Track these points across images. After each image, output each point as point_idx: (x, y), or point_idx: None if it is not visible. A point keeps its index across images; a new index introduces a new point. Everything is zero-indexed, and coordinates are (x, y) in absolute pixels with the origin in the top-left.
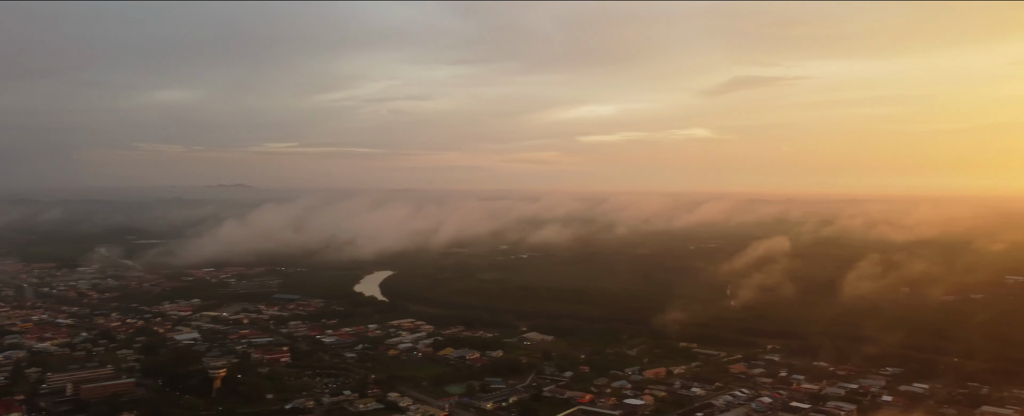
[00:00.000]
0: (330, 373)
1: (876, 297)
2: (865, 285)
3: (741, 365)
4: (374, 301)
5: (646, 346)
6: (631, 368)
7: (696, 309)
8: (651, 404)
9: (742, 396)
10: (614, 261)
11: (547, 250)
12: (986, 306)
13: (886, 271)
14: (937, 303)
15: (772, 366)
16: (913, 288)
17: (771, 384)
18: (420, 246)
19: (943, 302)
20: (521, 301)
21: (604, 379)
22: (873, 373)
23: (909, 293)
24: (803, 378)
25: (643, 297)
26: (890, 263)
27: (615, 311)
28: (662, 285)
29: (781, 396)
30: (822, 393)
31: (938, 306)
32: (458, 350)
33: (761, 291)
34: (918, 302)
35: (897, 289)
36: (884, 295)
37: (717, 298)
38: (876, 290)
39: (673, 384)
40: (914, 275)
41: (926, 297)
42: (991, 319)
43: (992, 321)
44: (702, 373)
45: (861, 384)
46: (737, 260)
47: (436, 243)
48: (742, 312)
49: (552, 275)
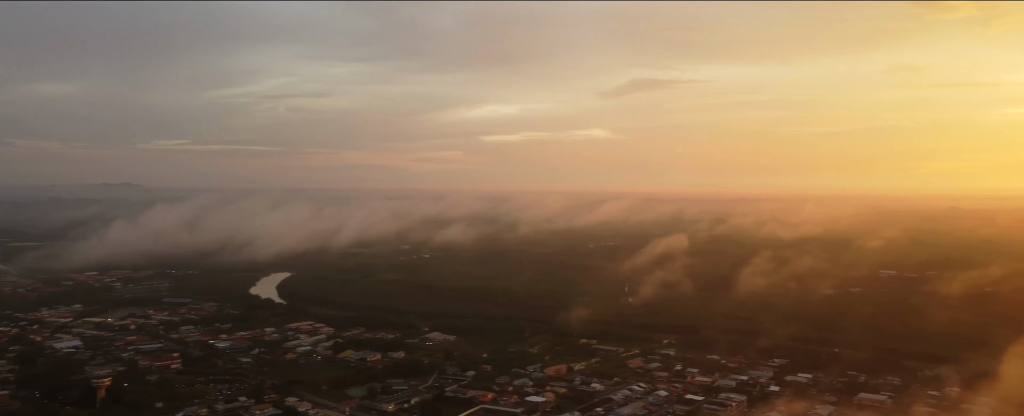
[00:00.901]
0: (225, 379)
1: (766, 292)
2: (756, 281)
3: (639, 360)
4: (272, 304)
5: (548, 344)
6: (533, 366)
7: (596, 306)
8: (552, 401)
9: (640, 390)
10: (517, 260)
11: (451, 250)
12: (863, 299)
13: (775, 267)
14: (820, 297)
15: (668, 360)
16: (799, 283)
17: (667, 378)
18: (321, 247)
19: (825, 296)
20: (424, 301)
21: (506, 377)
22: (762, 365)
23: (795, 288)
24: (697, 371)
25: (545, 295)
26: (779, 259)
27: (518, 310)
28: (564, 283)
29: (676, 389)
30: (715, 385)
31: (821, 300)
32: (359, 352)
33: (658, 288)
34: (803, 296)
35: (784, 284)
36: (773, 290)
37: (616, 295)
38: (766, 285)
39: (574, 380)
40: (800, 271)
41: (810, 291)
42: (867, 312)
43: (868, 313)
44: (602, 369)
45: (751, 375)
46: (636, 258)
47: (338, 244)
48: (640, 308)
49: (455, 274)
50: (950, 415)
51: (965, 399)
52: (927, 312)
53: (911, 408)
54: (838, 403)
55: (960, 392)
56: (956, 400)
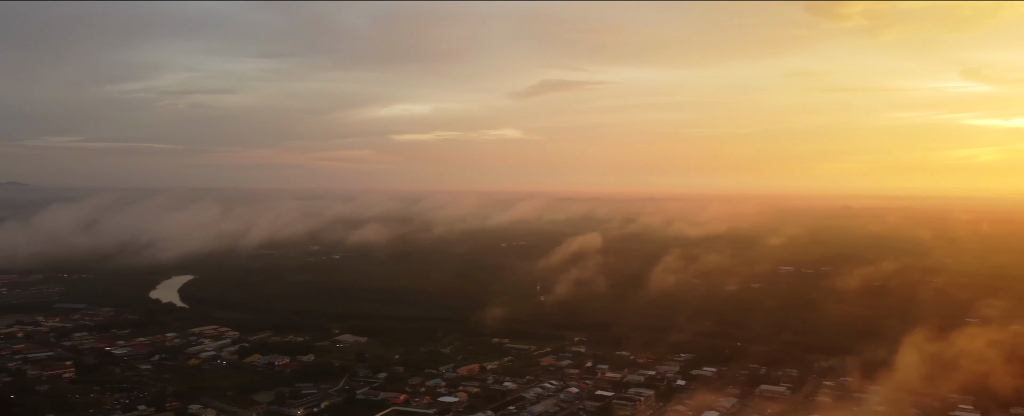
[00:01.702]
0: (122, 387)
1: (674, 289)
2: (664, 278)
3: (550, 358)
4: (173, 308)
5: (461, 343)
6: (446, 366)
7: (509, 305)
8: (465, 400)
9: (551, 388)
10: (430, 260)
11: (363, 250)
12: (764, 295)
13: (682, 265)
14: (725, 293)
15: (579, 357)
16: (705, 280)
17: (578, 375)
18: (228, 248)
19: (729, 292)
20: (334, 303)
21: (419, 378)
22: (669, 360)
23: (701, 284)
24: (607, 367)
25: (459, 295)
26: (686, 257)
27: (431, 310)
28: (477, 283)
29: (587, 386)
30: (624, 381)
31: (725, 296)
32: (266, 356)
33: (571, 286)
34: (709, 292)
35: (691, 281)
36: (680, 287)
37: (529, 294)
38: (674, 282)
39: (486, 379)
40: (706, 268)
41: (716, 288)
42: (768, 307)
43: (769, 308)
44: (514, 367)
45: (659, 371)
46: (548, 257)
47: (246, 245)
48: (552, 307)
49: (367, 275)
50: (845, 404)
51: (859, 388)
52: (823, 306)
53: (809, 398)
54: (741, 395)
55: (854, 381)
56: (851, 389)
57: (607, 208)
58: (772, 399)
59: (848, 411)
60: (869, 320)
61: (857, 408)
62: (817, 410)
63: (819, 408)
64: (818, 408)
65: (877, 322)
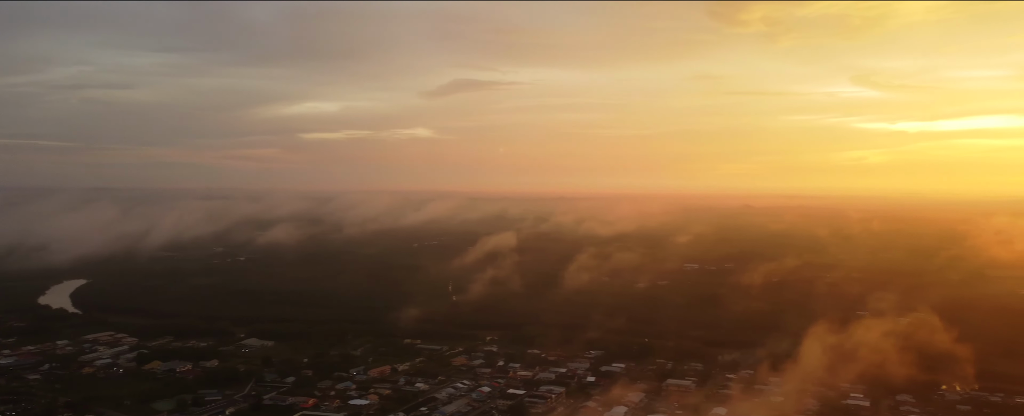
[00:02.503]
0: (8, 399)
1: (585, 287)
2: (576, 276)
3: (463, 358)
4: (65, 314)
5: (371, 345)
6: (356, 368)
7: (421, 306)
8: (376, 403)
9: (463, 387)
10: (340, 261)
11: (271, 252)
12: (671, 291)
13: (593, 263)
14: (633, 291)
15: (491, 356)
16: (614, 278)
17: (490, 374)
18: (127, 251)
19: (638, 289)
20: (240, 306)
21: (328, 381)
22: (580, 357)
23: (611, 282)
24: (519, 366)
25: (370, 296)
26: (596, 256)
27: (341, 312)
28: (389, 284)
29: (499, 384)
30: (536, 379)
31: (634, 293)
32: (167, 362)
33: (483, 286)
34: (618, 290)
35: (601, 279)
36: (591, 285)
37: (441, 294)
38: (585, 281)
39: (398, 381)
40: (615, 266)
41: (625, 285)
42: (674, 303)
43: (675, 305)
44: (426, 368)
45: (569, 368)
46: (461, 257)
47: (146, 247)
48: (465, 307)
49: (275, 278)
50: (747, 396)
51: (761, 380)
52: (727, 302)
53: (714, 391)
54: (649, 390)
55: (756, 374)
56: (753, 381)
57: (520, 208)
58: (679, 393)
59: (750, 402)
60: (770, 314)
61: (759, 399)
62: (721, 402)
63: (723, 400)
64: (722, 400)
65: (777, 316)
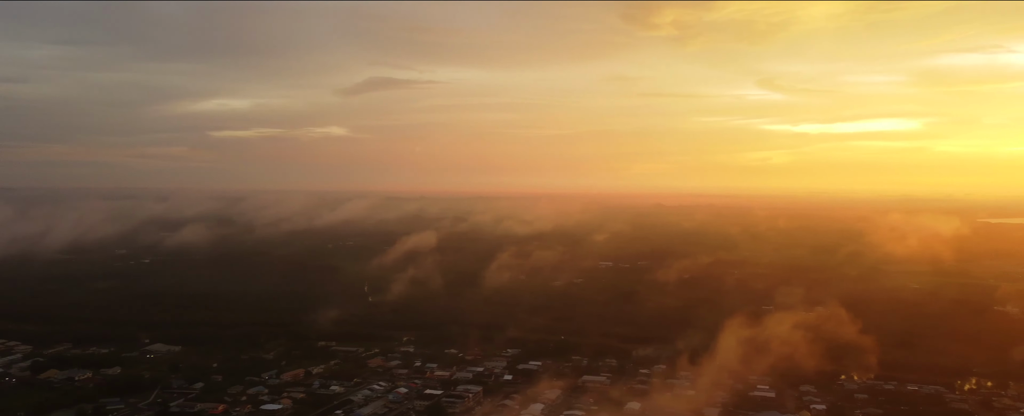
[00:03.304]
0: None
1: (502, 286)
2: (494, 276)
3: (379, 359)
4: None
5: (285, 348)
6: (268, 372)
7: (337, 308)
8: (289, 407)
9: (380, 389)
10: (253, 263)
11: (179, 253)
12: (587, 289)
13: (511, 262)
14: (550, 289)
15: (408, 357)
16: (532, 276)
17: (407, 375)
18: (22, 254)
19: (554, 288)
20: (144, 310)
21: (239, 386)
22: (497, 356)
23: (528, 281)
24: (436, 366)
25: (283, 298)
26: (515, 255)
27: (252, 315)
28: (303, 285)
29: (416, 385)
30: (453, 378)
31: (550, 291)
32: (65, 371)
33: (400, 286)
34: (536, 289)
35: (519, 278)
36: (509, 284)
37: (358, 295)
38: (503, 280)
39: (312, 384)
40: (533, 265)
41: (542, 284)
42: (590, 301)
43: (591, 302)
44: (341, 370)
45: (486, 367)
46: (378, 257)
47: (43, 250)
48: (382, 308)
49: (183, 280)
50: (660, 390)
51: (671, 374)
52: (641, 298)
53: (628, 386)
54: (565, 387)
55: (668, 368)
56: (664, 375)
57: (438, 207)
58: (594, 389)
59: (663, 397)
60: (682, 310)
61: (672, 393)
62: (636, 397)
63: (638, 395)
64: (637, 395)
65: (690, 312)
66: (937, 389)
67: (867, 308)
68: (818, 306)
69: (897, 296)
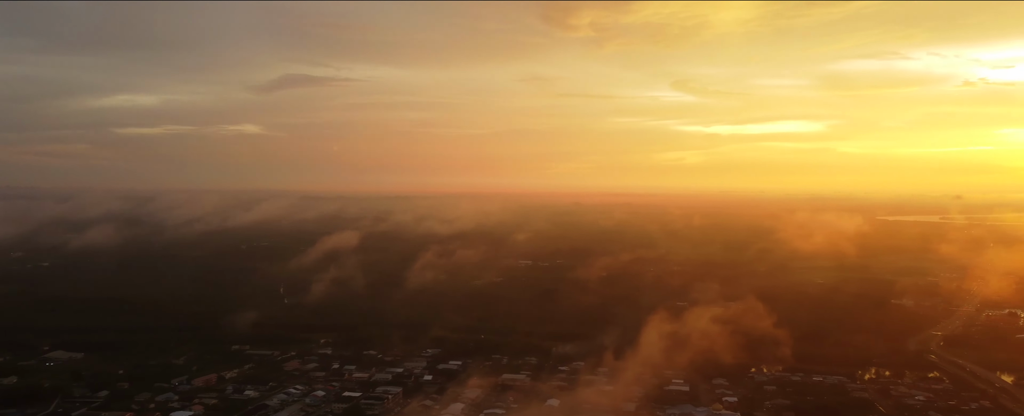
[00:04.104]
0: None
1: (422, 286)
2: (414, 276)
3: (295, 362)
4: None
5: (196, 353)
6: (178, 378)
7: (251, 310)
8: (201, 413)
9: (296, 393)
10: (162, 265)
11: (82, 256)
12: (507, 288)
13: (431, 262)
14: (470, 288)
15: (326, 360)
16: (452, 276)
17: (325, 377)
18: None
19: (474, 287)
20: (44, 316)
21: (147, 394)
22: (416, 356)
23: (448, 280)
24: (355, 368)
25: (195, 302)
26: (435, 254)
27: (162, 319)
28: (216, 288)
29: (334, 388)
30: (372, 380)
31: (470, 291)
32: None
33: (318, 287)
34: (455, 288)
35: (439, 278)
36: (429, 284)
37: (273, 297)
38: (423, 280)
39: (225, 389)
40: (453, 264)
41: (462, 283)
42: (510, 299)
43: (510, 301)
44: (256, 374)
45: (406, 367)
46: (295, 258)
47: None
48: (298, 309)
49: (86, 284)
50: (578, 387)
51: (590, 370)
52: (559, 297)
53: (547, 384)
54: (485, 386)
55: (586, 365)
56: (583, 372)
57: (357, 207)
58: (515, 387)
59: (581, 393)
60: (601, 307)
61: (590, 389)
62: (555, 394)
63: (557, 392)
64: (556, 392)
65: (608, 309)
66: (840, 379)
67: (776, 303)
68: (731, 302)
69: (804, 291)
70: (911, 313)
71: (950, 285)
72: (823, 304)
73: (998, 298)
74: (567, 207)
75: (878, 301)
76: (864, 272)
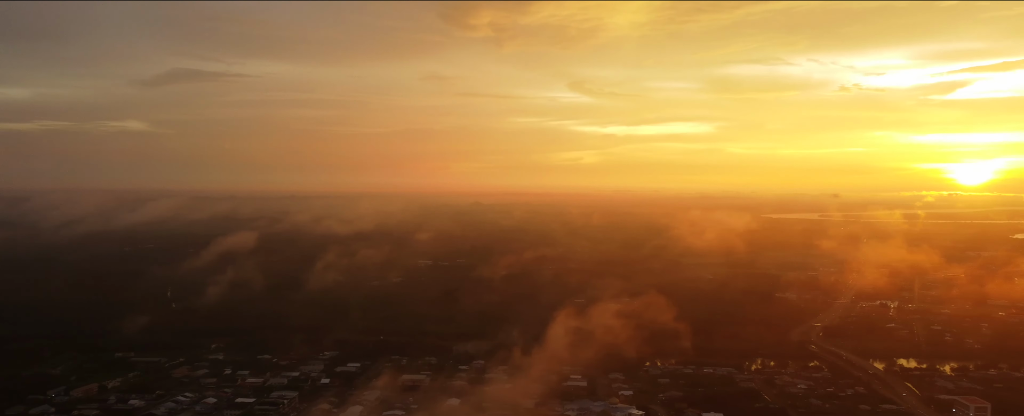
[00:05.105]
0: None
1: (320, 287)
2: (311, 277)
3: (185, 368)
4: None
5: (75, 362)
6: (56, 389)
7: (136, 316)
8: None
9: (186, 400)
10: (38, 269)
11: None
12: (405, 288)
13: (330, 263)
14: (369, 289)
15: (217, 365)
16: (351, 277)
17: (216, 384)
18: None
19: (373, 287)
20: None
21: (20, 407)
22: (313, 359)
23: (347, 282)
24: (248, 373)
25: (74, 308)
26: (333, 255)
27: (37, 327)
28: (98, 293)
29: (227, 394)
30: (267, 385)
31: (369, 292)
32: None
33: (209, 290)
34: (353, 289)
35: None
36: (327, 285)
37: (161, 302)
38: (321, 281)
39: (108, 399)
40: (353, 265)
41: (361, 284)
42: (409, 299)
43: (410, 301)
44: (142, 383)
45: (302, 371)
46: (185, 260)
47: None
48: (188, 314)
49: None
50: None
51: (489, 368)
52: (459, 296)
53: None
54: (384, 387)
55: (486, 363)
56: (483, 370)
57: (252, 207)
58: (413, 388)
59: (481, 391)
60: (501, 306)
61: (490, 387)
62: (455, 394)
63: (457, 392)
64: (456, 392)
65: (508, 307)
66: (729, 371)
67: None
68: (628, 298)
69: (696, 287)
70: (794, 306)
71: (829, 279)
72: (714, 299)
73: (871, 290)
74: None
75: (764, 295)
76: (751, 268)
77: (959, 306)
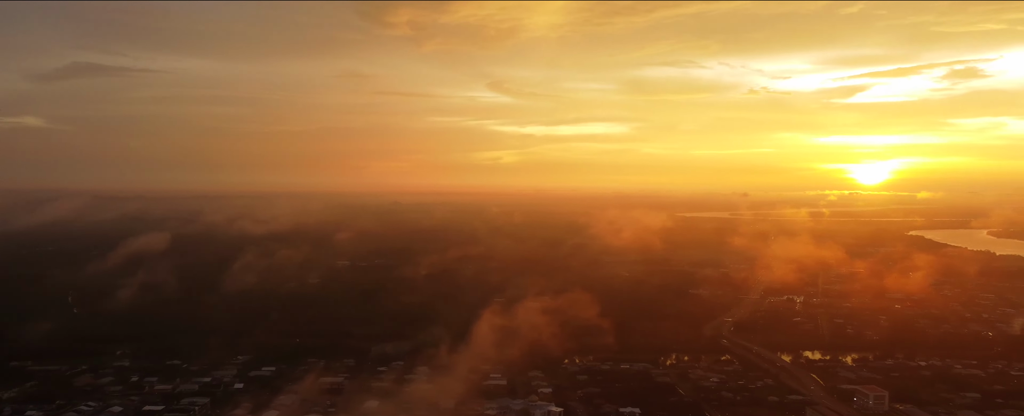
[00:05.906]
0: None
1: (233, 290)
2: (224, 279)
3: (88, 376)
4: None
5: None
6: None
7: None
8: None
9: (88, 410)
10: None
11: None
12: (322, 289)
13: (243, 264)
14: (284, 291)
15: (123, 372)
16: (266, 278)
17: (122, 392)
18: None
19: (289, 289)
20: None
21: None
22: (226, 364)
23: (262, 283)
24: (156, 380)
25: None
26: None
27: None
28: None
29: (133, 402)
30: (177, 392)
31: (285, 293)
32: None
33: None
34: (269, 291)
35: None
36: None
37: (61, 307)
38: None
39: (2, 412)
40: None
41: (275, 286)
42: (326, 301)
43: (325, 302)
44: (40, 393)
45: (214, 376)
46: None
47: None
48: (91, 320)
49: None
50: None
51: (408, 370)
52: (377, 297)
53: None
54: (301, 391)
55: (404, 364)
56: (401, 372)
57: (162, 207)
58: (331, 391)
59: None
60: (419, 306)
61: (409, 389)
62: (374, 396)
63: (375, 394)
64: (374, 394)
65: (427, 307)
66: (645, 366)
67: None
68: (547, 296)
69: (613, 284)
70: (706, 302)
71: (739, 275)
72: (630, 296)
73: (779, 285)
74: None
75: (678, 291)
76: (666, 265)
77: (859, 300)
